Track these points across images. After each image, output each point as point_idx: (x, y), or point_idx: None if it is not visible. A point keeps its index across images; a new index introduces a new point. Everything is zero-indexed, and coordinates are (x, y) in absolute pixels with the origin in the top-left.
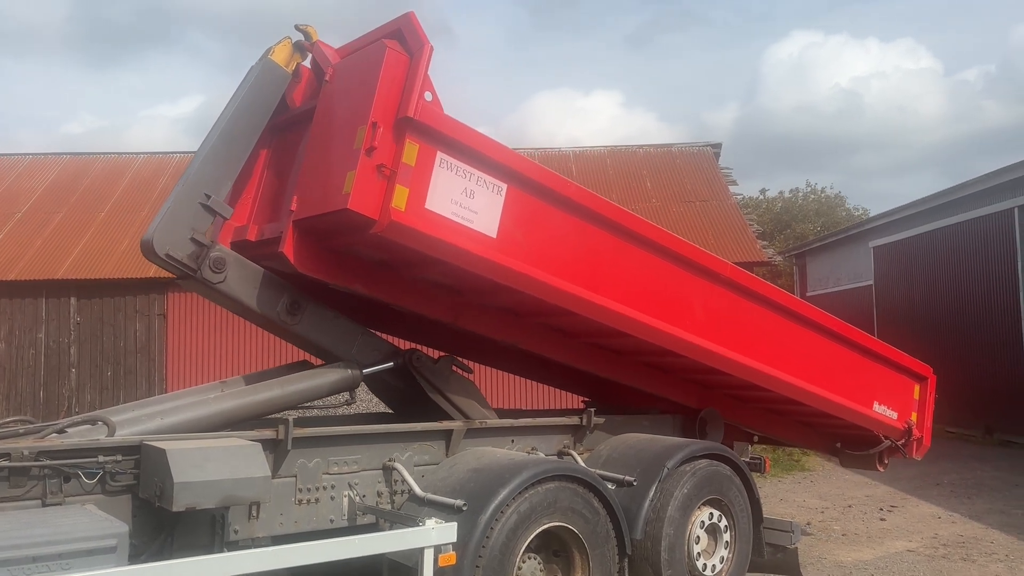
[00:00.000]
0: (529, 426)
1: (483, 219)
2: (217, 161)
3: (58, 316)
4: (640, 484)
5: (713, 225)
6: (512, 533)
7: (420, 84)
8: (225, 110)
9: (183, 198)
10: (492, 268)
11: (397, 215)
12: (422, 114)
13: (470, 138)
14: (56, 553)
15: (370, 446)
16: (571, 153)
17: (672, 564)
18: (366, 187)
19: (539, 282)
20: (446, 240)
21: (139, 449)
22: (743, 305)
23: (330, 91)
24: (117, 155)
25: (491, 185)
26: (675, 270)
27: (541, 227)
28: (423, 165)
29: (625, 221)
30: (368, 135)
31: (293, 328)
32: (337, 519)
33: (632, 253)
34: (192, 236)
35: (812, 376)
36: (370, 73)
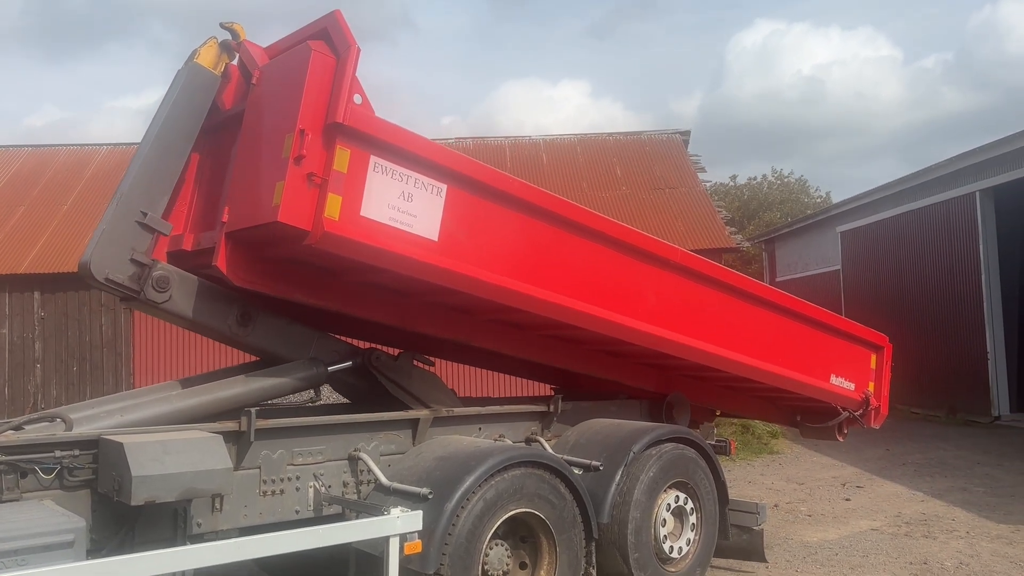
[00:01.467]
0: (496, 414)
1: (423, 222)
2: (151, 175)
3: (22, 311)
4: (606, 469)
5: (682, 212)
6: (478, 520)
7: (348, 87)
8: (154, 120)
9: (119, 217)
10: (435, 272)
11: (331, 225)
12: (352, 119)
13: (405, 140)
14: (12, 549)
15: (335, 436)
16: (541, 141)
17: (639, 547)
18: (296, 198)
19: (484, 283)
20: (384, 248)
21: (97, 443)
22: (695, 289)
23: (257, 95)
24: (79, 147)
25: (430, 187)
26: (623, 259)
27: (484, 226)
28: (356, 171)
29: (570, 214)
30: (296, 143)
31: (245, 340)
32: (303, 510)
33: (579, 245)
34: (132, 256)
35: (766, 354)
36: (296, 77)
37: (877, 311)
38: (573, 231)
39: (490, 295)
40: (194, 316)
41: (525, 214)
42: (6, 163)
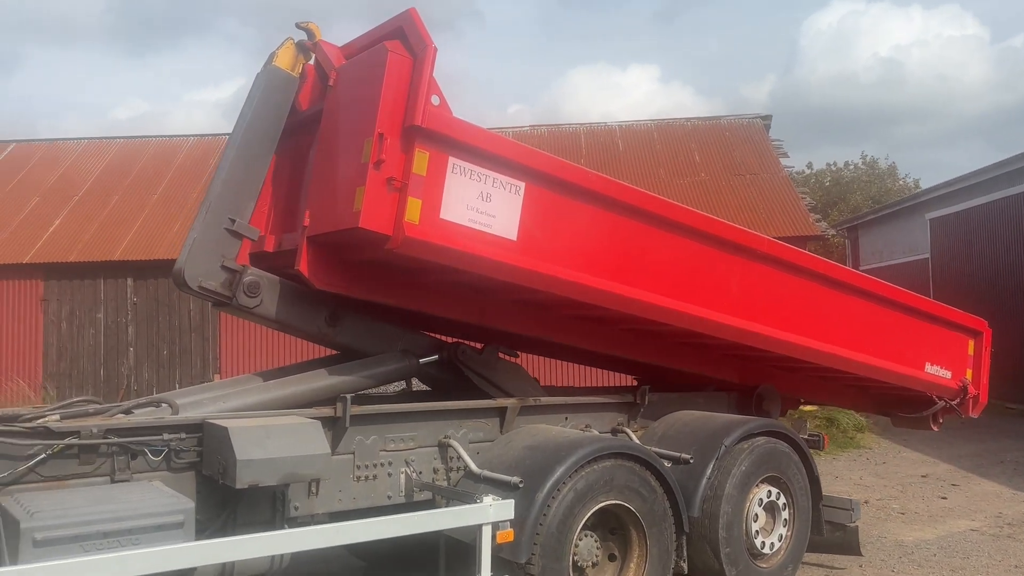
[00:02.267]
0: (582, 404)
1: (502, 222)
2: (237, 182)
3: (116, 296)
4: (697, 462)
5: (764, 198)
6: (569, 510)
7: (426, 88)
8: (237, 126)
9: (208, 225)
10: (514, 272)
11: (411, 229)
12: (430, 121)
13: (483, 139)
14: (126, 528)
15: (425, 423)
16: (617, 128)
17: (730, 542)
18: (377, 202)
19: (565, 281)
20: (464, 250)
21: (202, 427)
22: (782, 279)
23: (334, 98)
24: (167, 138)
25: (508, 185)
26: (707, 250)
27: (563, 223)
28: (435, 173)
29: (651, 206)
30: (375, 148)
31: (335, 339)
32: (395, 495)
33: (660, 238)
34: (223, 263)
35: (857, 344)
36: (373, 80)
37: (969, 301)
38: (654, 224)
39: (570, 293)
40: (285, 319)
41: (604, 209)
42: (99, 153)
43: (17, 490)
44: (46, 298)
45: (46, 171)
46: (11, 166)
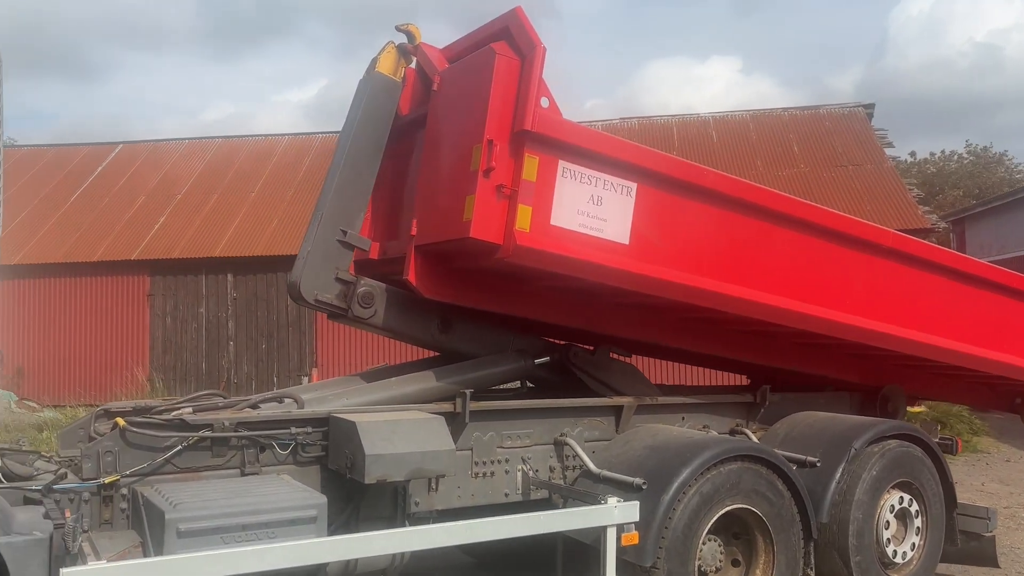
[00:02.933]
0: (700, 403)
1: (613, 226)
2: (347, 193)
3: (217, 292)
4: (824, 465)
5: (868, 190)
6: (695, 514)
7: (535, 91)
8: (343, 134)
9: (321, 238)
10: (628, 278)
11: (522, 238)
12: (540, 124)
13: (594, 141)
14: (263, 522)
15: (541, 421)
16: (711, 119)
17: (861, 550)
18: (487, 211)
19: (680, 285)
20: (575, 256)
21: (328, 421)
22: (909, 275)
23: (439, 103)
24: (263, 137)
25: (620, 187)
26: (829, 247)
27: (677, 224)
28: (545, 178)
29: (772, 202)
30: (484, 155)
31: (447, 345)
32: (512, 493)
33: (779, 235)
34: (337, 275)
35: (993, 341)
36: (480, 84)
37: None
38: (773, 221)
39: (684, 297)
40: (398, 328)
41: (721, 207)
42: (199, 153)
43: (156, 480)
44: (152, 293)
45: (150, 171)
46: (118, 167)
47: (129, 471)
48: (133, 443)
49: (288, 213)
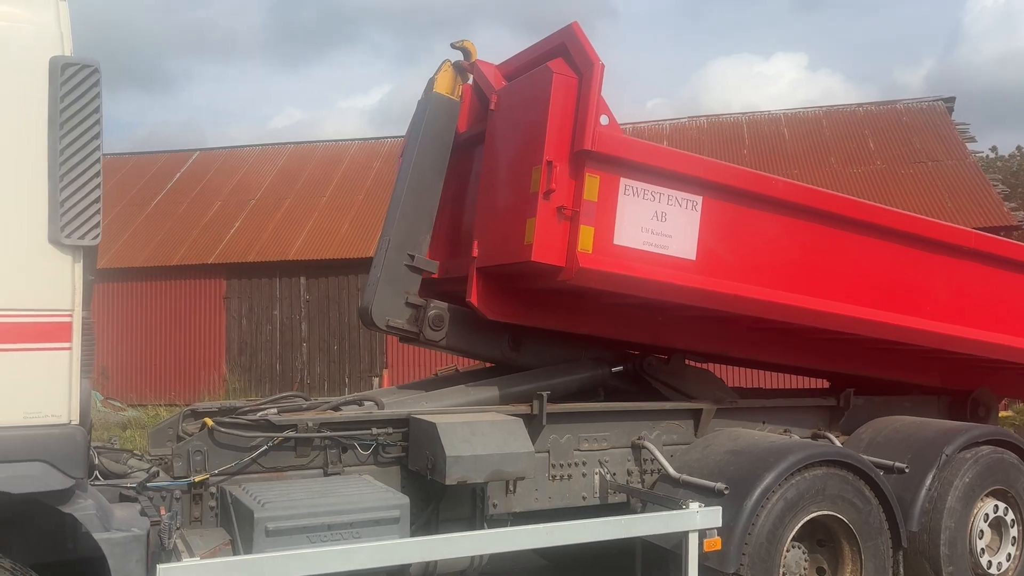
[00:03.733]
0: (781, 407)
1: (679, 242)
2: (412, 218)
3: (290, 295)
4: (913, 471)
5: (949, 187)
6: (779, 520)
7: (594, 109)
8: (406, 157)
9: (390, 264)
10: (695, 294)
11: (585, 260)
12: (600, 144)
13: (656, 156)
14: (348, 522)
15: (619, 424)
16: (782, 116)
17: (953, 560)
18: (548, 234)
19: (749, 299)
20: (640, 275)
21: (408, 423)
22: (996, 276)
23: (496, 123)
24: (333, 143)
25: (684, 201)
26: (906, 251)
27: (745, 235)
28: (607, 197)
29: (846, 209)
30: (544, 177)
31: (518, 361)
32: (589, 496)
33: (853, 242)
34: (407, 300)
35: None
36: (538, 105)
37: None
38: (846, 227)
39: (756, 311)
40: (469, 348)
41: (791, 216)
42: (271, 159)
43: (243, 479)
44: (228, 296)
45: (225, 178)
46: (195, 174)
47: (218, 470)
48: (221, 443)
49: (359, 217)
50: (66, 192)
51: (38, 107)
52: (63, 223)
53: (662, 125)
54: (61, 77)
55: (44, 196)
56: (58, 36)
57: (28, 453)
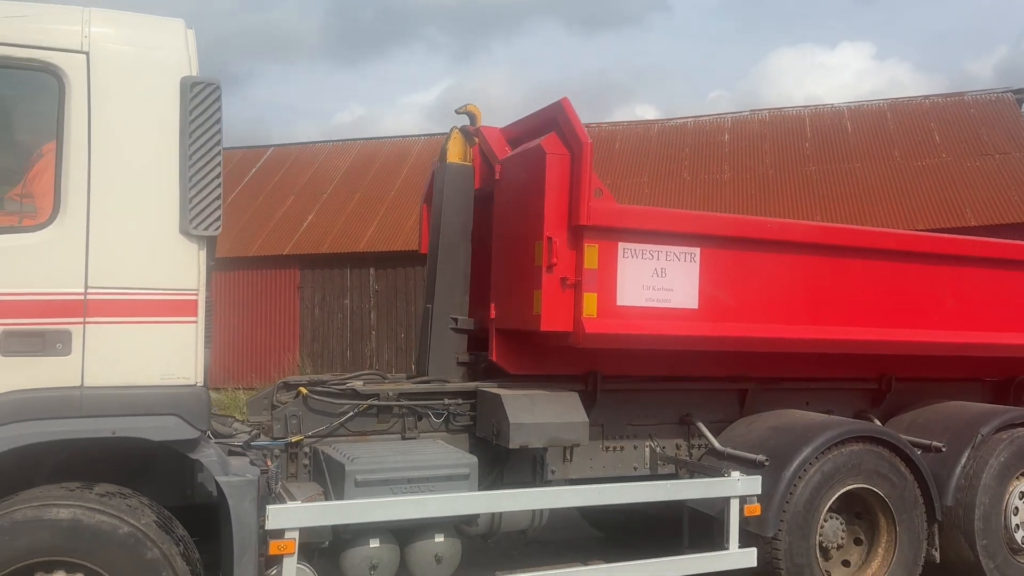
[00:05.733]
0: (825, 389)
1: (681, 294)
2: (450, 284)
3: (360, 285)
4: (950, 450)
5: (1016, 180)
6: (816, 491)
7: (587, 184)
8: (432, 229)
9: (437, 332)
10: (700, 341)
11: (591, 325)
12: (595, 217)
13: (650, 219)
14: (424, 477)
15: (668, 400)
16: (846, 109)
17: (987, 534)
18: (554, 304)
19: (754, 338)
20: (646, 332)
21: (475, 394)
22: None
23: (502, 192)
24: (401, 138)
25: (682, 255)
26: (908, 267)
27: (745, 278)
28: (607, 263)
29: (837, 239)
30: (545, 252)
31: None
32: (640, 467)
33: (855, 268)
34: (458, 360)
35: None
36: (534, 183)
37: None
38: (841, 255)
39: (761, 347)
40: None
41: (787, 253)
42: (343, 154)
43: (332, 441)
44: (302, 286)
45: (299, 172)
46: (270, 169)
47: (311, 432)
48: (314, 409)
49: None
50: (194, 191)
51: (172, 119)
52: (191, 216)
53: (723, 119)
54: (190, 94)
55: (176, 194)
56: (187, 59)
57: (164, 408)
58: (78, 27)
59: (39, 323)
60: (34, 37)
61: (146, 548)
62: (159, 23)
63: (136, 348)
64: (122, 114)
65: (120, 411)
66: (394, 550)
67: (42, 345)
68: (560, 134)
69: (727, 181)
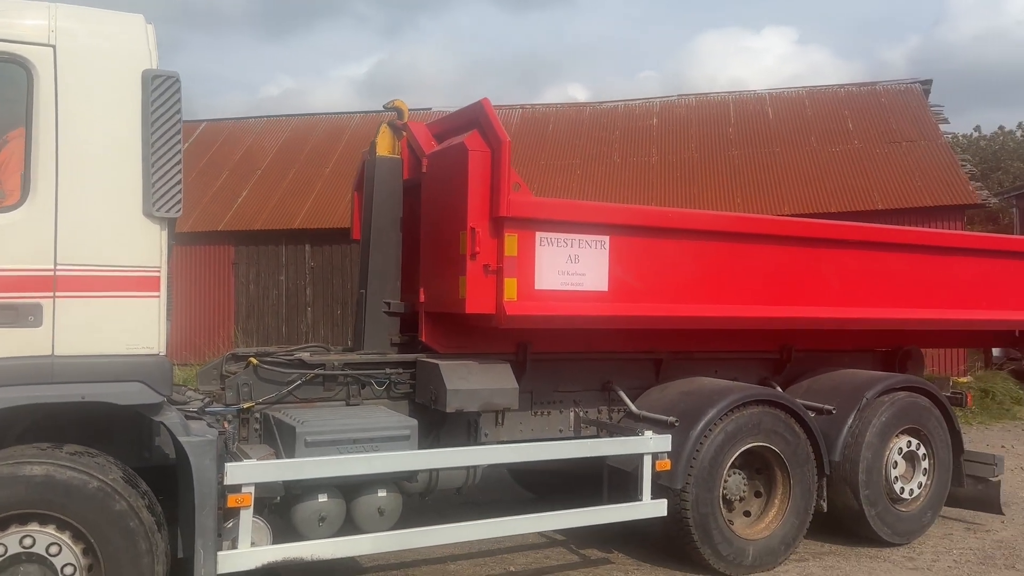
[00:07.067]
0: (732, 358)
1: (592, 278)
2: (381, 271)
3: (295, 261)
4: (839, 412)
5: (920, 167)
6: (720, 449)
7: (506, 179)
8: (364, 216)
9: (371, 316)
10: (611, 320)
11: (511, 307)
12: (514, 209)
13: (564, 211)
14: (368, 438)
15: (591, 369)
16: (767, 95)
17: (869, 485)
18: (478, 289)
19: (660, 316)
20: (561, 313)
21: (415, 364)
22: (874, 259)
23: (429, 184)
24: (337, 115)
25: (593, 243)
26: (801, 252)
27: (649, 263)
28: (525, 251)
29: (735, 226)
30: (469, 241)
31: None
32: (565, 430)
33: (750, 252)
34: (392, 341)
35: (964, 302)
36: (458, 179)
37: None
38: (735, 240)
39: (665, 324)
40: None
41: (687, 240)
42: (277, 131)
43: (281, 407)
44: (236, 262)
45: (232, 148)
46: (203, 144)
47: (261, 399)
48: (263, 378)
49: None
50: (156, 176)
51: (134, 109)
52: (153, 200)
53: (652, 103)
54: (151, 86)
55: (139, 179)
56: (147, 52)
57: (130, 375)
58: (45, 22)
59: (12, 297)
60: (3, 31)
61: (114, 501)
62: (121, 18)
63: (103, 320)
64: (87, 104)
65: (89, 378)
66: (340, 504)
67: (15, 317)
68: (481, 132)
69: (655, 164)
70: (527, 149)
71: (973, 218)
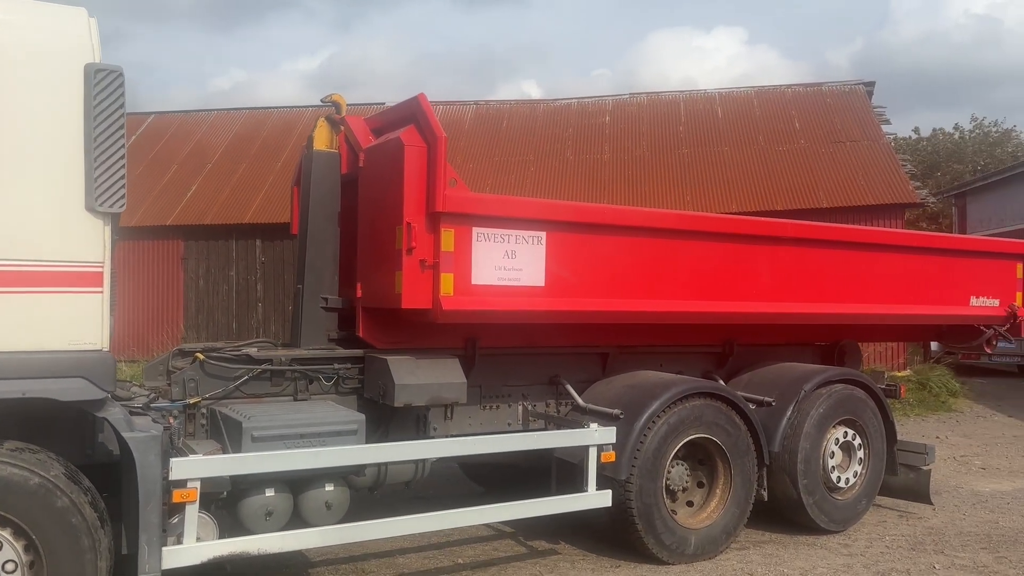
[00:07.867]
0: (676, 352)
1: (529, 273)
2: (319, 265)
3: (246, 256)
4: (778, 404)
5: (863, 166)
6: (663, 440)
7: (442, 175)
8: (302, 209)
9: (308, 311)
10: (548, 315)
11: (448, 302)
12: (450, 204)
13: (500, 206)
14: (315, 432)
15: (539, 363)
16: (717, 95)
17: (807, 474)
18: (414, 284)
19: (597, 311)
20: (498, 308)
21: (363, 359)
22: (808, 255)
23: (366, 179)
24: (288, 109)
25: (530, 238)
26: (735, 249)
27: (586, 259)
28: (462, 246)
29: (665, 222)
30: (405, 236)
31: None
32: (514, 423)
33: (686, 248)
34: (328, 337)
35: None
36: (395, 174)
37: None
38: (668, 236)
39: (600, 319)
40: None
41: (620, 236)
42: (227, 124)
43: (228, 403)
44: (185, 257)
45: (181, 142)
46: (151, 137)
47: (208, 395)
48: (210, 373)
49: None
50: (99, 170)
51: (76, 103)
52: (96, 194)
53: (605, 101)
54: (94, 80)
55: (81, 174)
56: (90, 46)
57: (72, 371)
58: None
59: None
60: None
61: (56, 497)
62: (62, 11)
63: (45, 315)
64: (28, 98)
65: (29, 374)
66: (288, 499)
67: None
68: (418, 127)
69: (607, 161)
70: (481, 146)
71: (916, 217)
